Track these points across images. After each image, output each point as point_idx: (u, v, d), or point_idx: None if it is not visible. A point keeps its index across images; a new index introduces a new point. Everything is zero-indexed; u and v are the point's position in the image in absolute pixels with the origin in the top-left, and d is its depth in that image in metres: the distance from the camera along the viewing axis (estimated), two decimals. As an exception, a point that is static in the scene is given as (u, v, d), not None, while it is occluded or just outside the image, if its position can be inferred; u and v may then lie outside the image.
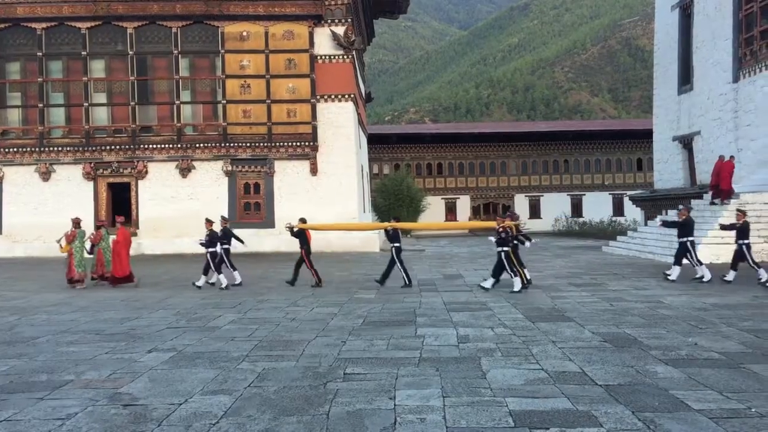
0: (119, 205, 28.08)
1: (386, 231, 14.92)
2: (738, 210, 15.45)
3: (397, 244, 14.41)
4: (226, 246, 15.56)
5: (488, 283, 13.40)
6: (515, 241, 13.73)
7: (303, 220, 15.78)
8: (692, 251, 14.64)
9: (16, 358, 7.55)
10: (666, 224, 16.28)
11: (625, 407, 5.33)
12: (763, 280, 13.56)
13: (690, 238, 14.67)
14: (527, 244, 14.47)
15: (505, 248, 13.18)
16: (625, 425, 4.91)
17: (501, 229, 13.34)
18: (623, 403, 5.43)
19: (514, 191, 50.28)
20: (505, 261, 13.13)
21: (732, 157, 21.08)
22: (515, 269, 13.13)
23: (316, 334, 8.74)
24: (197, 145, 27.92)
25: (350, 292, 13.40)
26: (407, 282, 14.13)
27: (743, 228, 14.45)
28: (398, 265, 14.27)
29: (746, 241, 14.30)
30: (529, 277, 13.78)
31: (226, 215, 27.80)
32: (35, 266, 16.81)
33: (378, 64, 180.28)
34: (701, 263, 14.59)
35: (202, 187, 27.92)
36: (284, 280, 15.07)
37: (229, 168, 27.94)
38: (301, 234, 15.18)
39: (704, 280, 14.13)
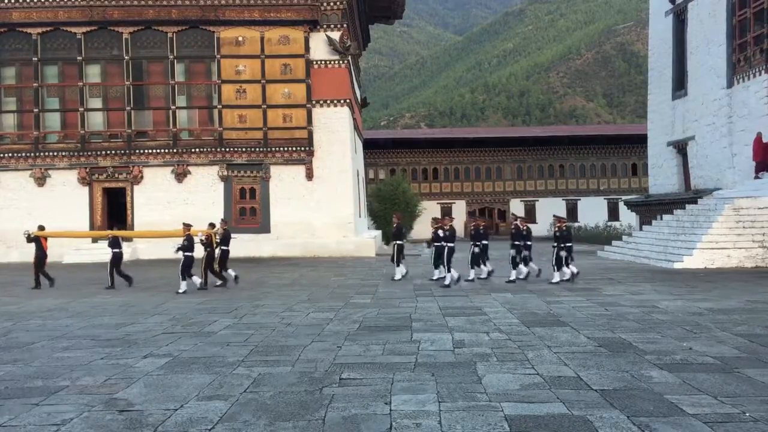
0: (114, 210, 28.05)
1: (108, 238, 16.41)
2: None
3: (117, 250, 16.01)
4: None
5: (183, 287, 14.60)
6: (225, 248, 16.17)
7: (41, 228, 16.89)
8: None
9: (11, 364, 7.53)
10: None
11: (620, 412, 5.35)
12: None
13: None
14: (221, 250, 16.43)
15: (187, 254, 14.73)
16: (620, 430, 4.92)
17: (185, 236, 15.05)
18: (618, 408, 5.45)
19: (509, 196, 50.38)
20: (182, 265, 14.73)
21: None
22: (189, 274, 14.69)
23: (311, 339, 8.75)
24: (193, 150, 27.90)
25: (346, 297, 13.41)
26: (110, 285, 15.62)
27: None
28: (112, 269, 15.81)
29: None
30: (232, 276, 15.77)
31: (223, 220, 27.87)
32: (31, 272, 16.79)
33: (373, 69, 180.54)
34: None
35: (198, 193, 27.89)
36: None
37: (225, 173, 27.93)
38: (37, 241, 16.31)
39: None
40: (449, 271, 15.15)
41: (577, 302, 12.00)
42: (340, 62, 28.56)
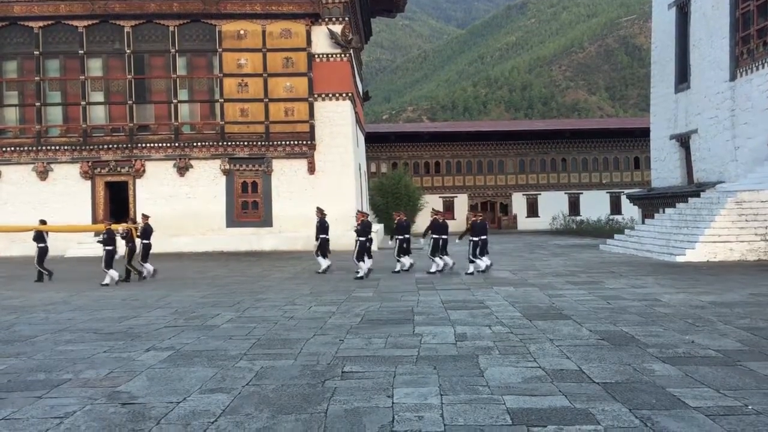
0: (117, 204, 28.09)
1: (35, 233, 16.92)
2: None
3: (42, 245, 16.60)
4: None
5: (111, 277, 15.25)
6: (146, 241, 16.63)
7: None
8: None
9: (14, 357, 7.54)
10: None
11: (622, 405, 5.34)
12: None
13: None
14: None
15: (108, 247, 15.21)
16: (622, 423, 4.92)
17: (106, 230, 15.72)
18: (620, 401, 5.44)
19: (511, 189, 50.34)
20: (104, 258, 15.24)
21: None
22: (110, 266, 15.21)
23: (314, 332, 8.75)
24: (195, 144, 27.91)
25: (348, 290, 13.42)
26: (38, 278, 16.28)
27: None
28: (36, 262, 16.47)
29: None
30: (146, 273, 16.29)
31: (224, 214, 27.97)
32: (33, 265, 16.89)
33: (375, 62, 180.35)
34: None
35: (200, 186, 27.91)
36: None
37: (227, 167, 27.94)
38: None
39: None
40: (362, 261, 15.97)
41: (580, 295, 11.99)
42: (342, 56, 28.50)
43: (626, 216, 44.19)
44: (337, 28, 28.26)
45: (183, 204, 27.60)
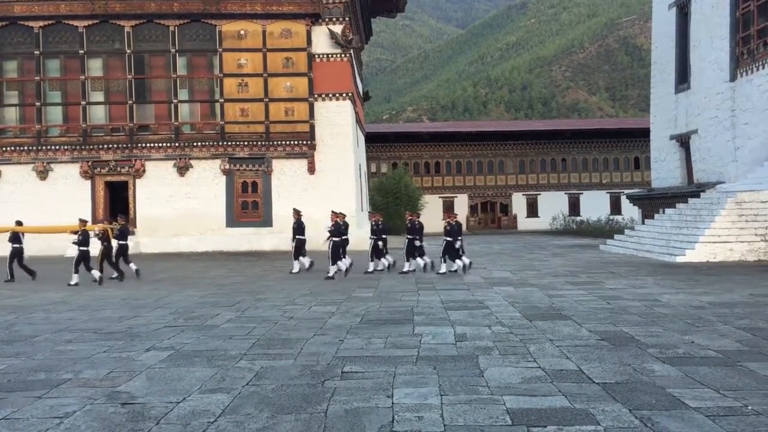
0: (117, 203, 28.08)
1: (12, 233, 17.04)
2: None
3: (17, 246, 16.83)
4: None
5: (75, 279, 15.28)
6: (122, 242, 16.88)
7: None
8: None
9: (13, 357, 7.54)
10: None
11: (622, 405, 5.34)
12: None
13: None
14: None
15: (82, 248, 15.39)
16: (622, 423, 4.92)
17: (81, 231, 15.71)
18: (620, 401, 5.44)
19: (511, 190, 50.36)
20: (76, 257, 15.45)
21: None
22: (87, 267, 15.42)
23: (314, 332, 8.74)
24: (195, 144, 27.91)
25: (348, 291, 13.41)
26: (10, 278, 16.41)
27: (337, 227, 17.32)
28: (11, 262, 16.61)
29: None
30: (133, 269, 16.54)
31: (224, 214, 27.97)
32: (33, 265, 16.93)
33: (376, 62, 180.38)
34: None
35: (200, 186, 27.91)
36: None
37: (227, 167, 27.94)
38: None
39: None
40: (339, 261, 16.40)
41: (579, 296, 11.99)
42: (342, 56, 28.50)
43: (626, 216, 44.21)
44: (338, 28, 28.26)
45: (183, 204, 27.59)
